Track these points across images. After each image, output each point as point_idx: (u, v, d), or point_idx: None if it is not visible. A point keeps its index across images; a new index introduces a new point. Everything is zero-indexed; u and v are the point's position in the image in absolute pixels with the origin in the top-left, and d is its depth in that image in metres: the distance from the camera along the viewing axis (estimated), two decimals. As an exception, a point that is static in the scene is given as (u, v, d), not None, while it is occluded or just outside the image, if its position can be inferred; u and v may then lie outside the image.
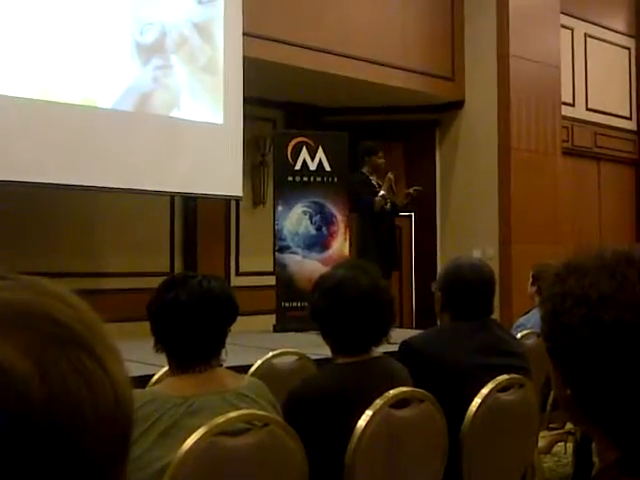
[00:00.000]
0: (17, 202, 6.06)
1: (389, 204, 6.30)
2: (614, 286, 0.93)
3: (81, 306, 0.59)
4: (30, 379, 0.51)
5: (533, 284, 4.62)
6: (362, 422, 2.04)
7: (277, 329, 6.60)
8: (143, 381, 2.66)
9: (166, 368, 2.23)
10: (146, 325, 2.02)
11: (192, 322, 1.93)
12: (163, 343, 1.98)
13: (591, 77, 9.20)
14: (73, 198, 6.29)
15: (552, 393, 3.55)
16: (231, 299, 2.02)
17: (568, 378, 0.97)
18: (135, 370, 3.31)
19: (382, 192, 6.19)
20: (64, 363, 0.53)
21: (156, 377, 2.69)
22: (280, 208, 6.97)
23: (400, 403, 2.16)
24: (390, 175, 6.29)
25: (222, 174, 6.31)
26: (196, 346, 1.95)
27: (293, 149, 7.03)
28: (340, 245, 6.75)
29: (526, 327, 4.00)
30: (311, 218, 6.97)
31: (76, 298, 0.60)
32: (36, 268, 5.64)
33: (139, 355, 2.60)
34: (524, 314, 4.61)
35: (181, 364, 1.97)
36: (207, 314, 1.95)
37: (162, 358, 2.03)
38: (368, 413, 2.05)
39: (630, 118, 9.72)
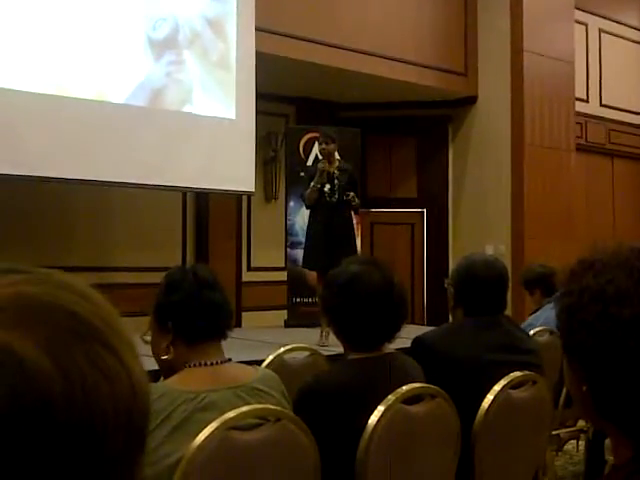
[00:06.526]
0: (30, 197, 6.09)
1: (332, 194, 5.30)
2: (631, 283, 0.92)
3: (98, 300, 0.59)
4: (50, 375, 0.51)
5: (532, 294, 4.61)
6: (374, 418, 2.03)
7: (288, 324, 6.61)
8: (154, 375, 2.65)
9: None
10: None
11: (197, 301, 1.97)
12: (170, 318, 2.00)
13: (605, 73, 9.14)
14: (86, 193, 6.31)
15: (564, 390, 3.53)
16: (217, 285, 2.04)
17: (584, 375, 0.96)
18: (146, 364, 3.32)
19: (312, 183, 5.32)
20: (83, 358, 0.53)
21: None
22: (292, 203, 6.98)
23: (412, 399, 2.15)
24: (320, 165, 5.35)
25: (234, 169, 6.31)
26: (203, 320, 1.97)
27: (305, 144, 7.03)
28: (352, 241, 6.72)
29: (535, 326, 3.97)
30: (323, 214, 6.95)
31: (93, 291, 0.60)
32: (48, 262, 5.67)
33: (150, 349, 2.60)
34: (531, 313, 4.58)
35: (191, 338, 1.97)
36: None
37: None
38: (380, 409, 2.05)
39: (644, 114, 9.66)
